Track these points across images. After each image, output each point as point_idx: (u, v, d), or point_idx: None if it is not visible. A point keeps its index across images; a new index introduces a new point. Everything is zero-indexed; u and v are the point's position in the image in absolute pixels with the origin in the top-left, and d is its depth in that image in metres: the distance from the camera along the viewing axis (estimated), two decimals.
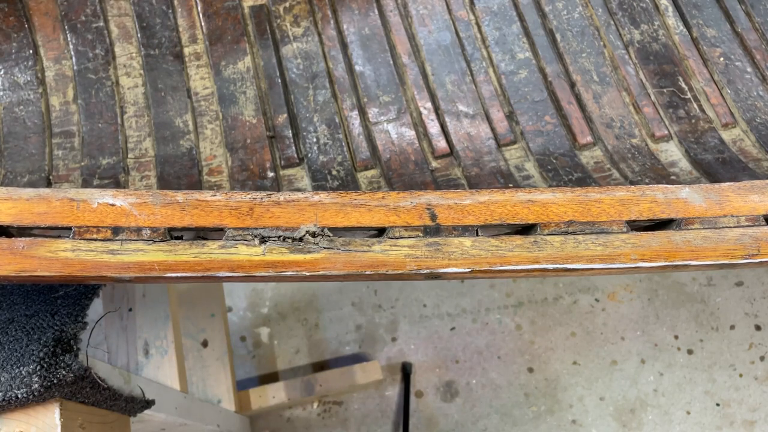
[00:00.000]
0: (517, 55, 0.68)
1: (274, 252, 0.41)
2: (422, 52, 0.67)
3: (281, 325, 1.30)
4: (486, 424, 1.24)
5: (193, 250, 0.41)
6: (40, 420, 0.43)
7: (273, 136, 0.62)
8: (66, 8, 0.64)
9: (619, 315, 1.32)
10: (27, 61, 0.63)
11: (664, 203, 0.45)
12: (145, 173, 0.59)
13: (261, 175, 0.59)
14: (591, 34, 0.69)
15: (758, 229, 0.45)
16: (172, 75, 0.64)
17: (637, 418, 1.25)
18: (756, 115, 0.64)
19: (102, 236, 0.40)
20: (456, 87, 0.66)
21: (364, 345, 1.29)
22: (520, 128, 0.64)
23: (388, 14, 0.69)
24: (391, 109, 0.64)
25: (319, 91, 0.65)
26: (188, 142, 0.61)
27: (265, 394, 1.14)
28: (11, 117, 0.61)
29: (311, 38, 0.67)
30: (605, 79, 0.67)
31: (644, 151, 0.62)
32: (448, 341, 1.30)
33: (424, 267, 0.42)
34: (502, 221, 0.44)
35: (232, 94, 0.64)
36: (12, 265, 0.39)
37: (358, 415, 1.24)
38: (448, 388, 1.27)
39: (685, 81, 0.67)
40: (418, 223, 0.43)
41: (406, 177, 0.60)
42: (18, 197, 0.41)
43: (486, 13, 0.70)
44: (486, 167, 0.61)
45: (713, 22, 0.70)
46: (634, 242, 0.44)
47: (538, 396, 1.27)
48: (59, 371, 0.42)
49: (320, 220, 0.42)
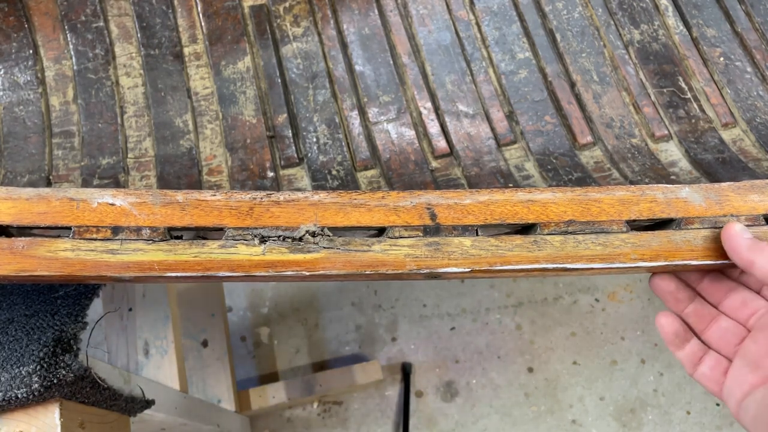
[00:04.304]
0: (517, 55, 0.68)
1: (273, 252, 0.41)
2: (422, 52, 0.67)
3: (281, 325, 1.30)
4: (486, 424, 1.24)
5: (193, 250, 0.41)
6: (40, 420, 0.43)
7: (273, 136, 0.62)
8: (66, 8, 0.64)
9: (619, 315, 1.32)
10: (27, 61, 0.63)
11: (664, 203, 0.45)
12: (145, 173, 0.59)
13: (261, 175, 0.59)
14: (591, 34, 0.69)
15: (758, 229, 0.45)
16: (172, 75, 0.64)
17: (637, 418, 1.25)
18: (756, 114, 0.64)
19: (102, 236, 0.40)
20: (456, 87, 0.66)
21: (364, 345, 1.29)
22: (520, 128, 0.64)
23: (388, 14, 0.69)
24: (391, 109, 0.64)
25: (319, 91, 0.65)
26: (188, 141, 0.61)
27: (265, 394, 1.14)
28: (11, 117, 0.61)
29: (311, 38, 0.67)
30: (605, 79, 0.67)
31: (644, 150, 0.62)
32: (448, 341, 1.30)
33: (424, 267, 0.42)
34: (502, 221, 0.44)
35: (232, 94, 0.64)
36: (12, 265, 0.39)
37: (358, 415, 1.24)
38: (448, 388, 1.26)
39: (685, 81, 0.67)
40: (417, 222, 0.43)
41: (406, 177, 0.60)
42: (18, 197, 0.41)
43: (486, 13, 0.70)
44: (486, 167, 0.61)
45: (713, 22, 0.70)
46: (634, 242, 0.44)
47: (538, 396, 1.26)
48: (59, 371, 0.42)
49: (320, 220, 0.42)
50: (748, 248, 0.41)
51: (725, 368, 0.44)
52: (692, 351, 0.46)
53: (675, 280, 0.47)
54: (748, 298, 0.45)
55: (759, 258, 0.40)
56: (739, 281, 0.46)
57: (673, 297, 0.47)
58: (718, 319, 0.45)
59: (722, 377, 0.44)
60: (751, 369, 0.41)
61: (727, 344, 0.45)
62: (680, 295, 0.47)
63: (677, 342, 0.46)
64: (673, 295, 0.47)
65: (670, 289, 0.47)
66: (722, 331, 0.45)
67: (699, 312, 0.46)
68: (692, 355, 0.46)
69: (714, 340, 0.45)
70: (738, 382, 0.42)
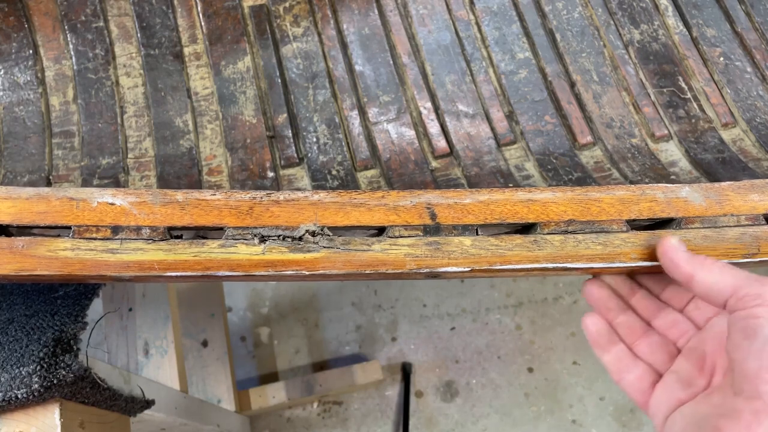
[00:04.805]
0: (517, 55, 0.68)
1: (273, 251, 0.41)
2: (422, 52, 0.67)
3: (281, 325, 1.30)
4: (486, 424, 1.24)
5: (193, 249, 0.41)
6: (40, 420, 0.43)
7: (273, 135, 0.62)
8: (66, 8, 0.64)
9: None
10: (27, 61, 0.63)
11: (664, 202, 0.45)
12: (145, 173, 0.59)
13: (261, 174, 0.59)
14: (591, 34, 0.69)
15: (758, 228, 0.45)
16: (172, 75, 0.64)
17: (637, 419, 1.25)
18: (756, 114, 0.64)
19: (101, 235, 0.40)
20: (456, 87, 0.66)
21: (364, 345, 1.29)
22: (520, 128, 0.64)
23: (388, 14, 0.69)
24: (391, 108, 0.64)
25: (319, 91, 0.65)
26: (188, 141, 0.61)
27: (265, 394, 1.14)
28: (11, 117, 0.61)
29: (311, 38, 0.67)
30: (605, 78, 0.67)
31: (644, 150, 0.62)
32: (448, 341, 1.30)
33: (424, 266, 0.42)
34: (502, 220, 0.44)
35: (232, 94, 0.64)
36: (11, 264, 0.39)
37: (358, 415, 1.24)
38: (448, 388, 1.26)
39: (685, 81, 0.67)
40: (417, 222, 0.43)
41: (406, 177, 0.60)
42: (18, 196, 0.41)
43: (486, 13, 0.70)
44: (486, 167, 0.61)
45: (713, 22, 0.70)
46: (634, 241, 0.44)
47: (538, 396, 1.26)
48: (59, 371, 0.42)
49: (320, 220, 0.42)
50: (688, 262, 0.40)
51: (653, 381, 0.43)
52: (618, 357, 0.45)
53: (607, 289, 0.47)
54: (678, 320, 0.45)
55: (699, 272, 0.40)
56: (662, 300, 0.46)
57: (604, 305, 0.46)
58: (649, 334, 0.45)
59: (649, 389, 0.43)
60: (683, 386, 0.41)
61: (656, 359, 0.44)
62: (611, 304, 0.46)
63: (602, 343, 0.46)
64: (604, 303, 0.46)
65: (602, 297, 0.47)
66: (654, 346, 0.44)
67: (630, 324, 0.46)
68: (618, 361, 0.45)
69: (644, 353, 0.45)
70: (667, 396, 0.41)
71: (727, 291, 0.38)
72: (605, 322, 0.46)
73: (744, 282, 0.38)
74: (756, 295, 0.37)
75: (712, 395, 0.39)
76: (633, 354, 0.45)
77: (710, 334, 0.43)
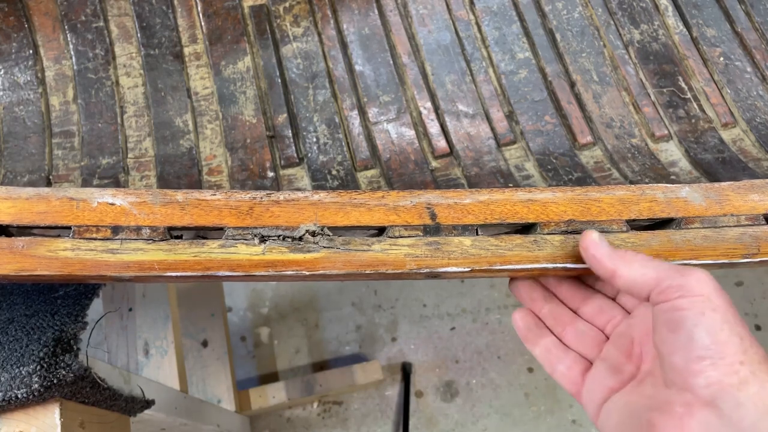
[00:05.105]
0: (517, 55, 0.68)
1: (273, 251, 0.41)
2: (422, 52, 0.67)
3: (281, 325, 1.30)
4: (486, 424, 1.24)
5: (193, 249, 0.41)
6: (40, 420, 0.43)
7: (273, 135, 0.62)
8: (66, 8, 0.64)
9: None
10: (27, 61, 0.63)
11: (664, 202, 0.45)
12: (145, 173, 0.59)
13: (261, 174, 0.59)
14: (591, 33, 0.69)
15: (758, 228, 0.45)
16: (172, 75, 0.64)
17: None
18: (756, 114, 0.64)
19: (101, 235, 0.40)
20: (456, 87, 0.66)
21: (364, 345, 1.29)
22: (520, 128, 0.64)
23: (388, 14, 0.69)
24: (391, 108, 0.64)
25: (319, 90, 0.65)
26: (188, 141, 0.61)
27: (265, 394, 1.14)
28: (11, 117, 0.61)
29: (311, 38, 0.67)
30: (605, 78, 0.67)
31: (644, 150, 0.62)
32: (448, 341, 1.30)
33: (424, 266, 0.42)
34: (502, 220, 0.44)
35: (232, 93, 0.64)
36: (11, 265, 0.39)
37: (358, 415, 1.24)
38: (448, 388, 1.26)
39: (685, 81, 0.67)
40: (417, 222, 0.43)
41: (406, 177, 0.60)
42: (17, 196, 0.41)
43: (486, 13, 0.70)
44: (486, 167, 0.61)
45: (713, 22, 0.70)
46: (634, 241, 0.44)
47: (538, 396, 1.26)
48: (59, 371, 0.42)
49: (320, 220, 0.42)
50: (610, 257, 0.40)
51: (583, 369, 0.43)
52: (547, 349, 0.45)
53: (532, 281, 0.47)
54: (605, 306, 0.44)
55: (621, 267, 0.39)
56: (595, 288, 0.46)
57: (529, 296, 0.46)
58: (576, 321, 0.45)
59: (580, 378, 0.43)
60: (612, 373, 0.41)
61: (585, 347, 0.44)
62: (535, 295, 0.46)
63: (530, 337, 0.45)
64: (529, 295, 0.46)
65: (526, 289, 0.47)
66: (580, 334, 0.44)
67: (555, 313, 0.45)
68: (548, 353, 0.45)
69: (572, 342, 0.44)
70: (598, 385, 0.41)
71: (649, 284, 0.38)
72: (531, 314, 0.46)
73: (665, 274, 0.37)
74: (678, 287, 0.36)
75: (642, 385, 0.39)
76: (563, 344, 0.45)
77: (637, 319, 0.42)
